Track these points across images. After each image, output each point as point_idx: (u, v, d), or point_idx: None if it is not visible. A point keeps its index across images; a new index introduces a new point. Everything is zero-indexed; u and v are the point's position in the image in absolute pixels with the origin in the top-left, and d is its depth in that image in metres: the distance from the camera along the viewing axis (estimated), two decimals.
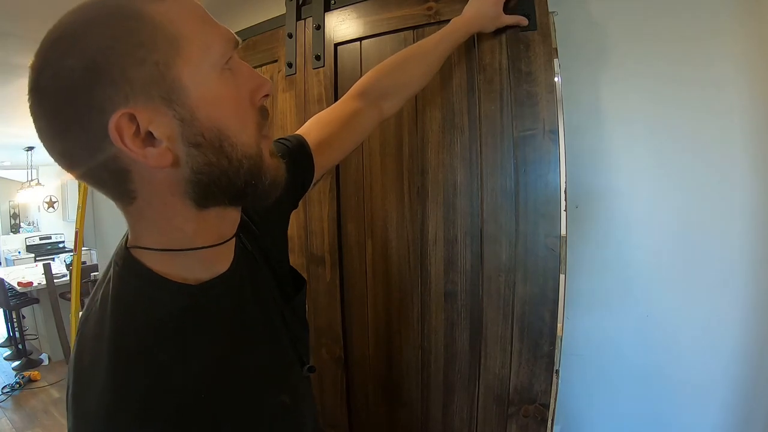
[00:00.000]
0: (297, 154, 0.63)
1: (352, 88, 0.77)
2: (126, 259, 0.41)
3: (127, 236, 0.42)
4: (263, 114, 0.41)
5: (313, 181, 0.68)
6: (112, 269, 0.42)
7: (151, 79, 0.34)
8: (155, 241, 0.40)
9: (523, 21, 0.76)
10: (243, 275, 0.47)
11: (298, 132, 0.69)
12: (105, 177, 0.37)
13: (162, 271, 0.40)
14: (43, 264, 3.96)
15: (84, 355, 0.39)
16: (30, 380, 3.39)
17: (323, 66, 1.01)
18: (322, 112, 0.75)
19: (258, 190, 0.41)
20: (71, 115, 0.34)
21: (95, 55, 0.33)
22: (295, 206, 0.67)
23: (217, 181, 0.38)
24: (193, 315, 0.41)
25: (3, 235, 6.45)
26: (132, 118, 0.34)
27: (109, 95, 0.33)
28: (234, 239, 0.46)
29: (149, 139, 0.35)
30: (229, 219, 0.44)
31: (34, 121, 0.35)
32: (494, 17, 0.76)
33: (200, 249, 0.41)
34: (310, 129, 0.70)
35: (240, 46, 0.42)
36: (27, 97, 0.35)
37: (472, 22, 0.77)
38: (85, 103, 0.33)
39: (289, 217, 0.66)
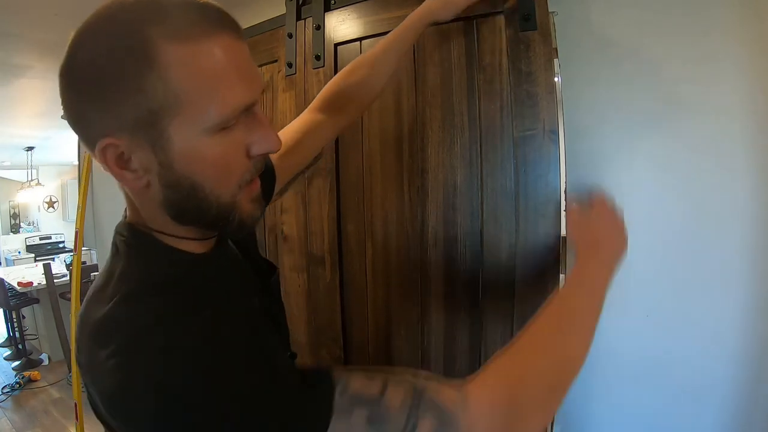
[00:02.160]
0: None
1: (317, 97, 0.80)
2: (133, 232, 0.44)
3: (126, 212, 0.47)
4: (255, 167, 0.43)
5: (276, 191, 0.71)
6: (116, 240, 0.45)
7: (142, 124, 0.35)
8: (152, 223, 0.44)
9: None
10: (225, 255, 0.51)
11: None
12: (96, 157, 0.40)
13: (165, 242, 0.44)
14: (43, 264, 3.96)
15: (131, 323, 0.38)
16: (30, 380, 3.39)
17: (323, 66, 1.01)
18: (290, 123, 0.79)
19: (226, 227, 0.44)
20: (72, 114, 0.38)
21: (99, 78, 0.35)
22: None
23: (186, 212, 0.41)
24: (199, 272, 0.45)
25: (3, 235, 6.45)
26: (116, 146, 0.37)
27: (103, 120, 0.36)
28: (215, 237, 0.50)
29: (130, 163, 0.38)
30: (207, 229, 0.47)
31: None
32: (448, 5, 0.76)
33: (188, 239, 0.45)
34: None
35: (258, 102, 0.42)
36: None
37: (428, 14, 0.76)
38: (83, 114, 0.37)
39: None
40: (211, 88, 0.36)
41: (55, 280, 3.71)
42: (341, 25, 0.99)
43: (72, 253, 2.87)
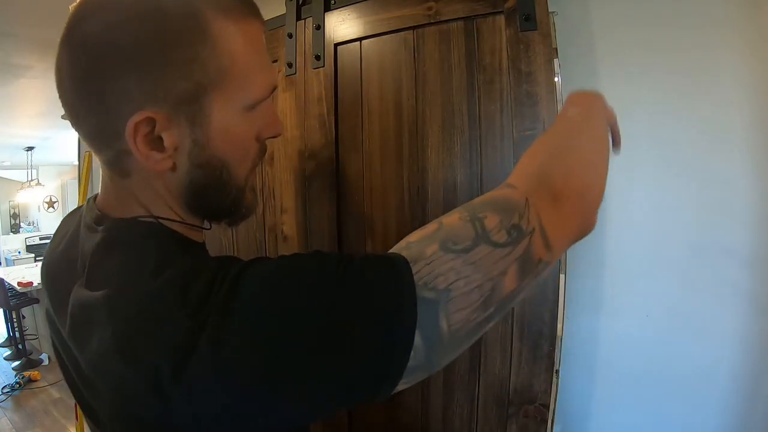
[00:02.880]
0: None
1: None
2: (132, 225, 0.39)
3: (94, 205, 0.42)
4: (262, 151, 0.43)
5: None
6: (104, 239, 0.39)
7: (187, 97, 0.34)
8: (156, 210, 0.40)
9: None
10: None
11: None
12: (105, 148, 0.38)
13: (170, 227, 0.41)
14: None
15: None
16: (30, 380, 3.40)
17: (323, 66, 1.01)
18: None
19: (234, 214, 0.44)
20: (100, 84, 0.33)
21: (149, 45, 0.32)
22: None
23: (207, 196, 0.40)
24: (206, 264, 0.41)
25: (3, 235, 6.45)
26: (152, 121, 0.34)
27: (141, 92, 0.33)
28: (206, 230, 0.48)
29: (157, 143, 0.35)
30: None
31: (59, 62, 0.35)
32: None
33: (189, 225, 0.43)
34: None
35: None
36: (62, 41, 0.34)
37: None
38: (117, 82, 0.32)
39: None
40: (253, 67, 0.37)
41: None
42: (341, 25, 0.99)
43: None
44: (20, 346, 3.70)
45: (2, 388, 3.23)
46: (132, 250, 0.37)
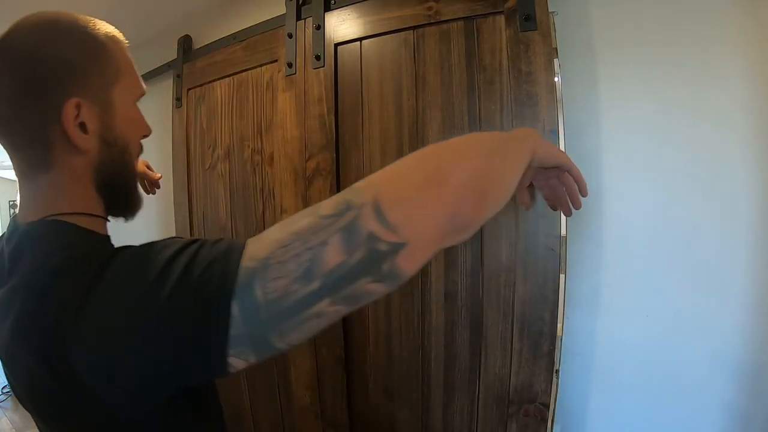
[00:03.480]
0: None
1: None
2: (46, 224, 0.46)
3: (22, 212, 0.49)
4: (141, 149, 0.55)
5: None
6: (20, 242, 0.46)
7: (99, 89, 0.46)
8: (67, 206, 0.47)
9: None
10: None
11: None
12: (34, 141, 0.45)
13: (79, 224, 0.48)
14: None
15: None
16: None
17: (323, 66, 1.01)
18: None
19: (131, 201, 0.54)
20: (34, 88, 0.43)
21: (73, 54, 0.44)
22: None
23: (113, 174, 0.49)
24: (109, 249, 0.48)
25: None
26: (79, 106, 0.44)
27: (74, 83, 0.44)
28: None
29: (83, 127, 0.45)
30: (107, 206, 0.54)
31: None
32: None
33: (98, 217, 0.50)
34: None
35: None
36: None
37: None
38: (52, 82, 0.43)
39: None
40: (131, 69, 0.50)
41: None
42: (341, 25, 0.99)
43: None
44: None
45: (2, 388, 3.23)
46: (37, 245, 0.44)
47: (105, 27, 0.49)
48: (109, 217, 0.53)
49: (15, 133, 0.45)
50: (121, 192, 0.52)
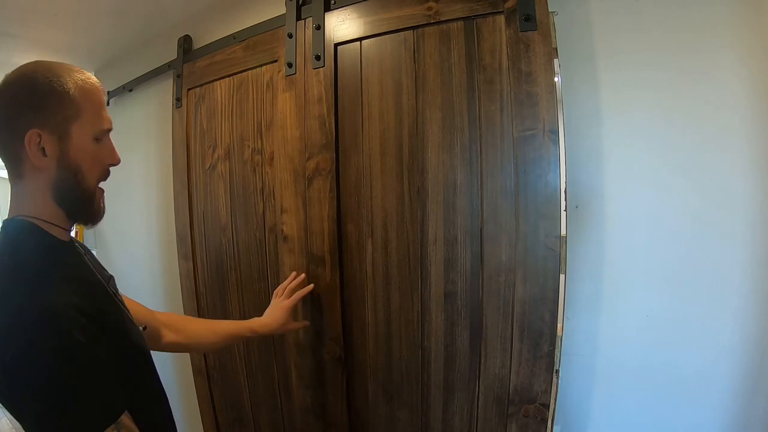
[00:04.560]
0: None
1: (170, 317, 0.94)
2: (14, 221, 0.61)
3: (9, 212, 0.63)
4: (106, 173, 0.67)
5: None
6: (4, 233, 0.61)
7: (57, 124, 0.59)
8: (31, 210, 0.61)
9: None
10: (81, 248, 0.70)
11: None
12: (11, 157, 0.60)
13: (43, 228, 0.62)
14: None
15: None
16: None
17: (323, 66, 1.01)
18: (151, 310, 0.90)
19: (87, 212, 0.66)
20: (10, 116, 0.58)
21: (37, 96, 0.59)
22: None
23: (68, 190, 0.62)
24: (66, 254, 0.63)
25: None
26: (39, 136, 0.58)
27: (35, 119, 0.58)
28: (69, 232, 0.67)
29: (43, 151, 0.59)
30: (68, 220, 0.66)
31: None
32: (284, 324, 0.99)
33: (56, 225, 0.63)
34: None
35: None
36: None
37: (264, 326, 0.98)
38: (19, 115, 0.58)
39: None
40: (95, 111, 0.63)
41: None
42: (341, 25, 0.99)
43: None
44: None
45: None
46: (6, 240, 0.60)
47: (77, 77, 0.61)
48: (74, 224, 0.67)
49: (2, 151, 0.61)
50: (76, 205, 0.64)
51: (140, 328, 0.72)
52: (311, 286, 1.05)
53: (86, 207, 0.65)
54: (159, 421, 0.69)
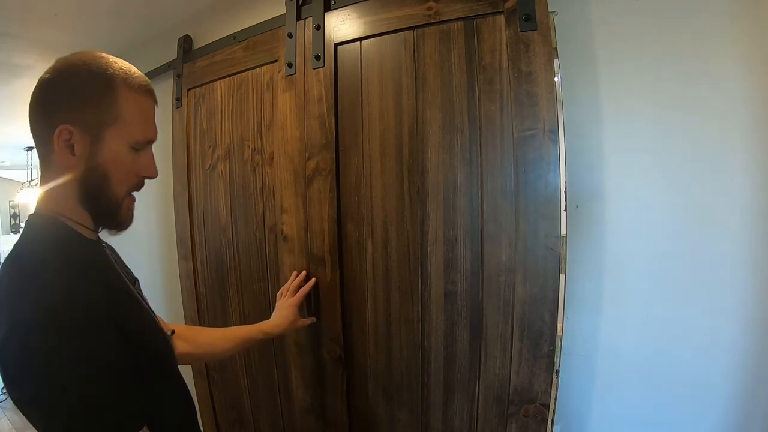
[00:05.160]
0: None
1: (179, 328, 0.91)
2: (40, 215, 0.59)
3: (36, 206, 0.60)
4: (139, 184, 0.63)
5: None
6: (30, 227, 0.59)
7: (92, 125, 0.56)
8: (58, 207, 0.58)
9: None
10: (107, 248, 0.68)
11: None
12: (43, 148, 0.57)
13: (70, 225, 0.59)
14: None
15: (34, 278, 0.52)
16: None
17: (323, 66, 1.01)
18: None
19: (111, 219, 0.62)
20: (48, 108, 0.56)
21: (78, 91, 0.55)
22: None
23: (92, 197, 0.59)
24: (91, 251, 0.60)
25: (3, 235, 6.44)
26: (70, 132, 0.55)
27: (69, 114, 0.55)
28: (97, 233, 0.64)
29: (71, 149, 0.56)
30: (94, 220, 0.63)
31: (35, 95, 0.57)
32: (293, 321, 0.98)
33: (82, 225, 0.60)
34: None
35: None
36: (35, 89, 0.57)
37: (275, 327, 0.97)
38: (55, 107, 0.55)
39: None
40: (137, 122, 0.59)
41: None
42: (341, 25, 0.99)
43: None
44: None
45: (2, 388, 3.23)
46: (29, 234, 0.58)
47: (128, 78, 0.57)
48: (100, 228, 0.63)
49: (34, 136, 0.58)
50: (101, 212, 0.61)
51: (168, 332, 0.68)
52: (313, 280, 1.04)
53: (111, 216, 0.61)
54: None
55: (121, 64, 0.58)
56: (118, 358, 0.50)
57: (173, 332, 0.75)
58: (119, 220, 0.62)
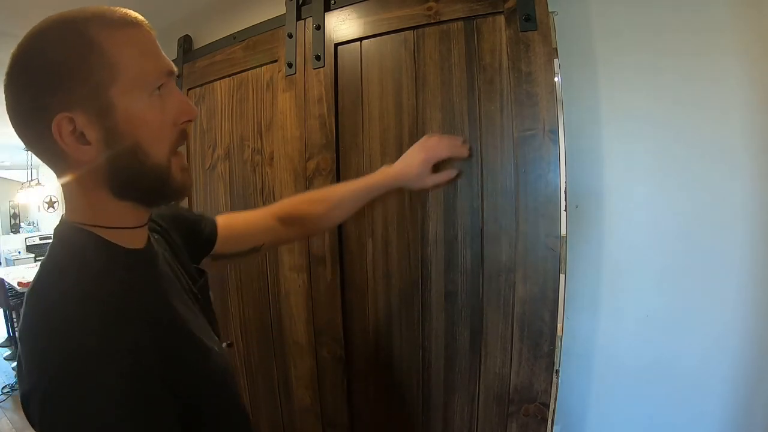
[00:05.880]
0: (206, 223, 0.75)
1: (277, 204, 0.87)
2: (70, 228, 0.48)
3: (63, 213, 0.50)
4: (181, 135, 0.50)
5: (213, 252, 0.75)
6: (54, 240, 0.49)
7: (90, 96, 0.43)
8: (89, 216, 0.48)
9: (451, 174, 0.84)
10: (158, 253, 0.56)
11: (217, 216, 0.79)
12: (47, 156, 0.46)
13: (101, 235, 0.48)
14: None
15: (34, 317, 0.44)
16: None
17: (323, 66, 1.01)
18: (244, 212, 0.85)
19: (162, 194, 0.50)
20: (27, 106, 0.43)
21: (52, 67, 0.42)
22: (196, 262, 0.70)
23: (130, 178, 0.47)
24: (137, 271, 0.49)
25: (3, 235, 6.45)
26: (71, 120, 0.43)
27: (56, 100, 0.42)
28: (146, 227, 0.54)
29: (82, 138, 0.44)
30: (142, 210, 0.52)
31: (5, 100, 0.44)
32: (420, 176, 0.84)
33: (123, 228, 0.49)
34: (226, 217, 0.80)
35: (175, 75, 0.49)
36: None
37: (399, 177, 0.85)
38: (36, 102, 0.43)
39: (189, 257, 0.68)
40: (138, 57, 0.45)
41: None
42: (341, 25, 0.99)
43: None
44: None
45: (2, 388, 3.23)
46: (57, 249, 0.47)
47: (101, 20, 0.44)
48: (153, 209, 0.54)
49: (30, 146, 0.46)
50: (148, 190, 0.49)
51: (223, 345, 0.60)
52: (456, 171, 0.85)
53: (162, 187, 0.49)
54: None
55: (91, 8, 0.44)
56: (163, 420, 0.42)
57: (231, 344, 0.69)
58: (174, 187, 0.50)
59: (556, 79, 0.77)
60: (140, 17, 0.47)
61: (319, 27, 1.01)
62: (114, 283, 0.45)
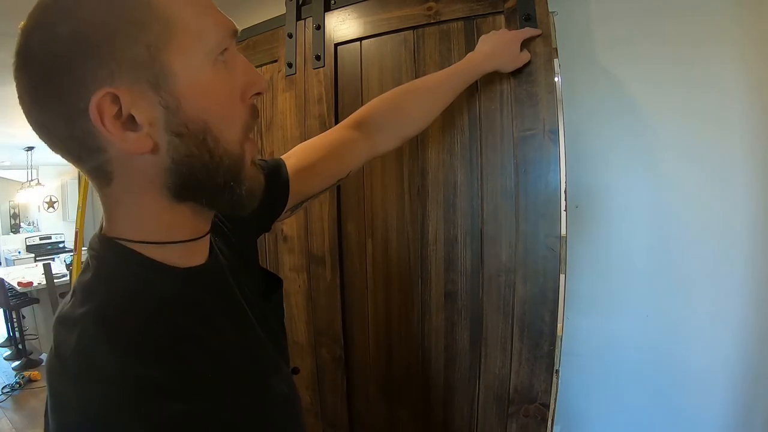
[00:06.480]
0: (271, 175, 0.58)
1: (350, 116, 0.73)
2: (106, 245, 0.38)
3: (102, 225, 0.40)
4: (253, 113, 0.40)
5: (287, 207, 0.63)
6: (88, 258, 0.39)
7: (141, 61, 0.32)
8: (132, 231, 0.38)
9: (536, 32, 0.74)
10: (220, 269, 0.45)
11: (282, 157, 0.66)
12: (82, 154, 0.35)
13: (145, 254, 0.38)
14: (43, 264, 3.96)
15: (65, 346, 0.34)
16: (30, 380, 3.39)
17: (323, 66, 1.01)
18: (312, 138, 0.71)
19: (234, 194, 0.39)
20: (53, 85, 0.32)
21: (86, 27, 0.31)
22: (267, 229, 0.63)
23: (196, 174, 0.36)
24: (183, 298, 0.39)
25: (3, 235, 6.45)
26: (115, 98, 0.32)
27: (94, 71, 0.31)
28: (208, 236, 0.44)
29: (130, 122, 0.33)
30: (203, 216, 0.42)
31: (16, 86, 0.34)
32: (513, 56, 0.74)
33: (177, 243, 0.39)
34: (292, 154, 0.66)
35: (238, 36, 0.40)
36: (14, 65, 0.33)
37: (489, 60, 0.74)
38: (68, 75, 0.31)
39: (257, 237, 0.61)
40: (202, 11, 0.36)
41: (55, 280, 3.70)
42: (341, 25, 0.98)
43: (72, 253, 2.87)
44: (20, 346, 3.69)
45: (2, 388, 3.23)
46: (96, 274, 0.37)
47: None
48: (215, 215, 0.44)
49: (53, 141, 0.35)
50: (218, 188, 0.38)
51: (289, 371, 0.50)
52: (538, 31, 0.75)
53: (234, 184, 0.38)
54: None
55: None
56: None
57: (297, 370, 0.56)
58: (247, 183, 0.39)
59: (556, 79, 0.77)
60: None
61: (319, 27, 1.01)
62: (153, 322, 0.35)
